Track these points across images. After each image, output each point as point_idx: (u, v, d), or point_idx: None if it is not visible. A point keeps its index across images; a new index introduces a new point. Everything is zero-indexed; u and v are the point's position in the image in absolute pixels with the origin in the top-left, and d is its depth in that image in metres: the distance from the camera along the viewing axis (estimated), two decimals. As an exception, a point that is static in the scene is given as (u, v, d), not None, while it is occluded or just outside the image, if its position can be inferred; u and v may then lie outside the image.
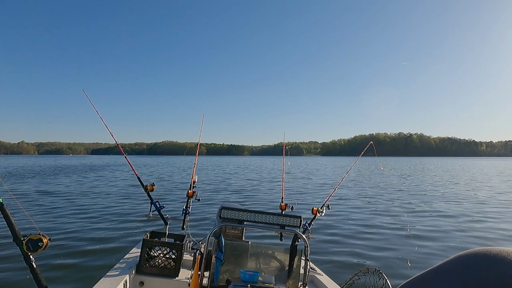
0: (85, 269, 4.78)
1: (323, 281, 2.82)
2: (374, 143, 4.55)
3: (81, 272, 4.65)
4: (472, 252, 0.48)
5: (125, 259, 3.11)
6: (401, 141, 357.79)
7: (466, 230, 7.58)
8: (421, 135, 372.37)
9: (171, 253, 3.01)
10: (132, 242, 5.64)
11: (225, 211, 2.16)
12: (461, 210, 10.33)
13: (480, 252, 0.47)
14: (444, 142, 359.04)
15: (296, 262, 2.18)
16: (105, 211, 9.34)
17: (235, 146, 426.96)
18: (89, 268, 4.79)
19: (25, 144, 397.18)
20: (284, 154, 4.37)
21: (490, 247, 0.48)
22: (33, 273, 2.13)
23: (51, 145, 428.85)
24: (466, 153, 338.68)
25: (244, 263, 2.17)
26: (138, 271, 2.90)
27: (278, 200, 3.51)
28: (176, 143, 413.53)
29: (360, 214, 9.35)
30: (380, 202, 11.69)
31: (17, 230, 2.08)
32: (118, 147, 3.82)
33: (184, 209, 3.40)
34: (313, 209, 3.27)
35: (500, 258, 0.45)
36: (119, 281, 2.56)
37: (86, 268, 4.79)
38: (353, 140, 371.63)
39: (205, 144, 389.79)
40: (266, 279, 2.07)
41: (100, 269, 4.57)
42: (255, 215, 2.16)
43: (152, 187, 3.40)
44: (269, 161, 78.27)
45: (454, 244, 6.41)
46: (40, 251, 2.06)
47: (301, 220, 2.19)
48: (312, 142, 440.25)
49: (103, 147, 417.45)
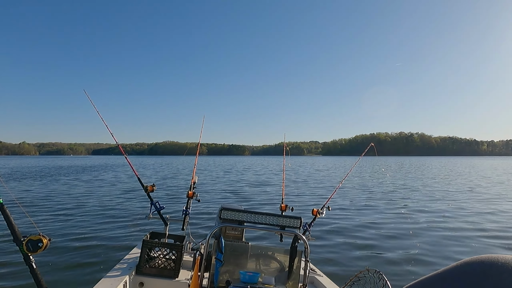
0: (85, 269, 4.77)
1: (323, 282, 2.82)
2: (375, 142, 4.54)
3: (81, 273, 4.65)
4: (479, 260, 0.47)
5: (125, 259, 3.11)
6: (402, 141, 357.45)
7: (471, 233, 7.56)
8: (422, 134, 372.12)
9: (171, 254, 3.00)
10: (132, 243, 5.64)
11: (225, 212, 2.15)
12: (461, 210, 10.31)
13: (487, 260, 0.46)
14: (445, 142, 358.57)
15: (296, 263, 2.17)
16: (105, 211, 9.34)
17: (236, 146, 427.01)
18: (89, 269, 4.78)
19: (26, 144, 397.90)
20: (284, 155, 4.36)
21: (496, 255, 0.46)
22: (33, 273, 2.13)
23: (52, 145, 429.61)
24: (467, 152, 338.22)
25: (244, 264, 2.17)
26: (138, 272, 2.90)
27: (278, 201, 3.50)
28: (177, 143, 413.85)
29: (361, 215, 9.33)
30: (380, 203, 11.67)
31: (17, 230, 2.08)
32: (119, 147, 3.81)
33: (184, 210, 3.40)
34: (313, 210, 3.26)
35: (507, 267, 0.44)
36: (119, 282, 2.56)
37: (86, 269, 4.79)
38: (354, 139, 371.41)
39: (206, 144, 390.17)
40: (266, 280, 2.06)
41: (100, 270, 4.58)
42: (255, 216, 2.15)
43: (152, 188, 3.39)
44: (270, 161, 78.23)
45: (457, 248, 6.38)
46: (40, 251, 2.06)
47: (301, 221, 2.18)
48: (313, 142, 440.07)
49: (104, 147, 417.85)
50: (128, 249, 3.70)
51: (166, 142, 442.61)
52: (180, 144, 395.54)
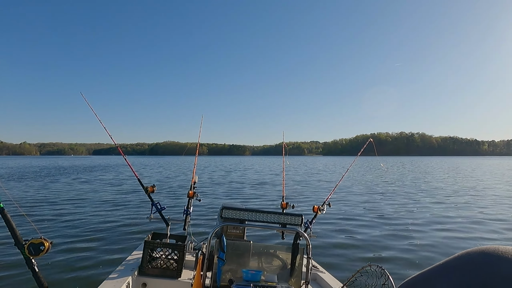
0: (87, 271, 4.77)
1: (325, 279, 2.83)
2: (375, 142, 4.54)
3: (83, 275, 4.64)
4: (479, 250, 0.47)
5: (127, 260, 3.11)
6: (403, 141, 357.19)
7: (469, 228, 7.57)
8: (422, 134, 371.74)
9: (173, 254, 3.01)
10: (134, 244, 5.65)
11: (226, 211, 2.15)
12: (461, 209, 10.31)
13: (487, 250, 0.46)
14: (446, 142, 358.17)
15: (298, 260, 2.18)
16: (107, 213, 9.34)
17: (237, 146, 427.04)
18: (92, 271, 4.78)
19: (27, 145, 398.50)
20: (284, 153, 4.37)
21: (496, 246, 0.47)
22: (35, 277, 2.14)
23: (53, 145, 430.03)
24: (468, 152, 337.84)
25: (246, 262, 2.18)
26: (141, 273, 2.90)
27: (279, 199, 3.51)
28: (178, 143, 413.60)
29: (361, 211, 9.35)
30: (380, 199, 11.68)
31: (18, 234, 2.09)
32: (118, 148, 3.83)
33: (185, 210, 3.41)
34: (314, 207, 3.27)
35: (507, 257, 0.44)
36: (121, 283, 2.56)
37: (88, 271, 4.79)
38: (355, 139, 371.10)
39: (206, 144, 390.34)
40: (268, 278, 2.07)
41: (102, 271, 4.58)
42: (256, 215, 2.15)
43: (153, 189, 3.40)
44: (270, 160, 78.25)
45: (457, 240, 6.40)
46: (42, 254, 2.07)
47: (302, 218, 2.19)
48: (314, 141, 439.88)
49: (104, 147, 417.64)
50: (130, 250, 3.70)
51: (167, 142, 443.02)
52: (180, 144, 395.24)
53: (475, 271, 0.45)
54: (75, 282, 4.44)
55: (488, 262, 0.44)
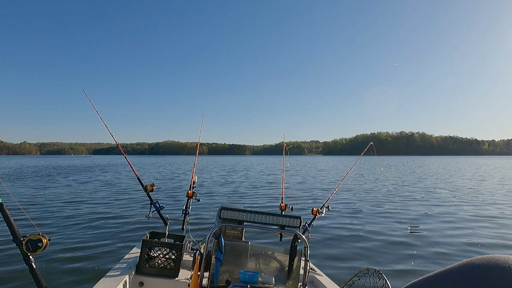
0: (84, 269, 4.78)
1: (322, 282, 2.81)
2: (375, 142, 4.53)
3: (80, 272, 4.65)
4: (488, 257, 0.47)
5: (125, 259, 3.11)
6: (403, 140, 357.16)
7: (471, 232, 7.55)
8: (422, 134, 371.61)
9: (171, 254, 3.00)
10: (131, 243, 5.64)
11: (225, 211, 2.14)
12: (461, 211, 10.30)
13: (487, 259, 0.46)
14: (446, 141, 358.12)
15: (296, 262, 2.17)
16: (105, 211, 9.34)
17: (237, 146, 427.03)
18: (89, 269, 4.79)
19: (27, 144, 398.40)
20: (284, 154, 4.35)
21: (497, 255, 0.46)
22: (32, 273, 2.13)
23: (53, 145, 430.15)
24: (468, 151, 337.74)
25: (244, 263, 2.16)
26: (138, 272, 2.90)
27: (278, 200, 3.50)
28: (178, 143, 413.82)
29: (360, 214, 9.33)
30: (380, 203, 11.67)
31: (16, 230, 2.08)
32: (118, 147, 3.82)
33: (184, 209, 3.40)
34: (313, 210, 3.26)
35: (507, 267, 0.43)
36: (118, 282, 2.56)
37: (85, 269, 4.79)
38: (355, 139, 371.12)
39: (206, 144, 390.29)
40: (265, 280, 2.06)
41: (99, 270, 4.58)
42: (255, 216, 2.14)
43: (152, 188, 3.39)
44: (270, 160, 78.23)
45: (454, 246, 6.38)
46: (40, 251, 2.06)
47: (301, 220, 2.17)
48: (314, 141, 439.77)
49: (104, 147, 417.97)
50: (128, 248, 3.69)
51: (167, 142, 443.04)
52: (181, 143, 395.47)
53: (475, 281, 0.44)
54: (72, 279, 4.43)
55: (488, 272, 0.44)
